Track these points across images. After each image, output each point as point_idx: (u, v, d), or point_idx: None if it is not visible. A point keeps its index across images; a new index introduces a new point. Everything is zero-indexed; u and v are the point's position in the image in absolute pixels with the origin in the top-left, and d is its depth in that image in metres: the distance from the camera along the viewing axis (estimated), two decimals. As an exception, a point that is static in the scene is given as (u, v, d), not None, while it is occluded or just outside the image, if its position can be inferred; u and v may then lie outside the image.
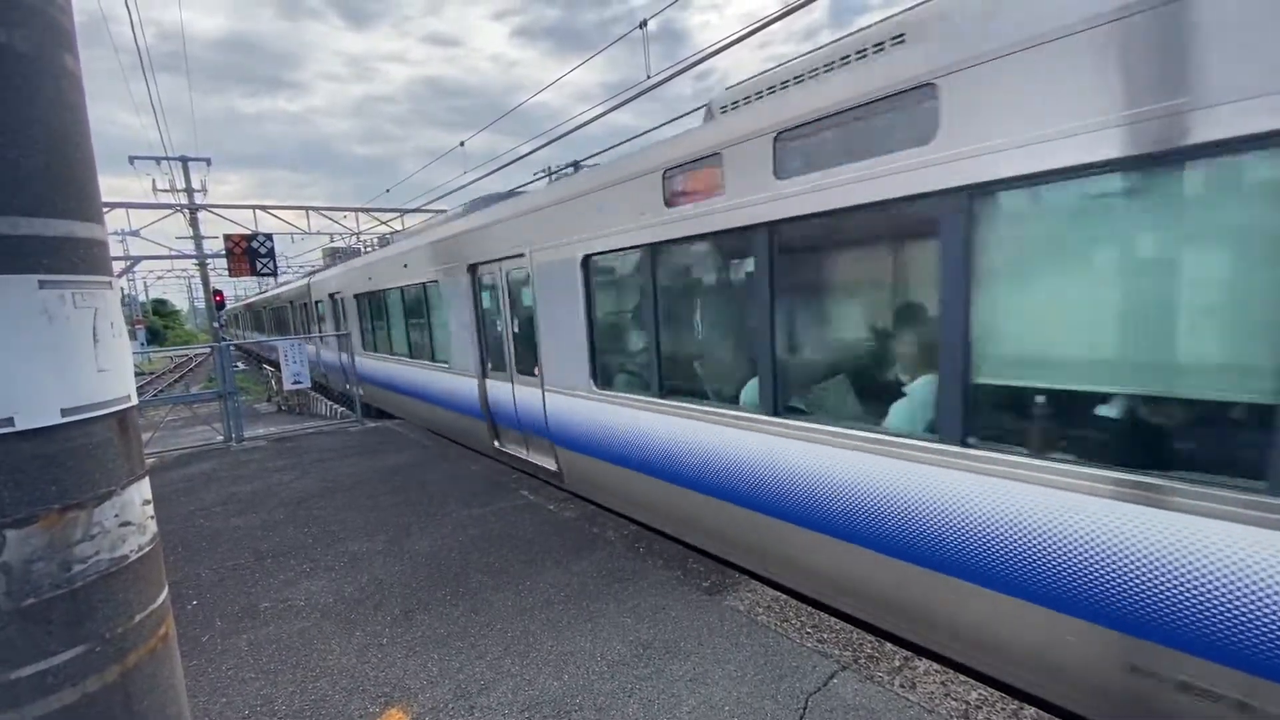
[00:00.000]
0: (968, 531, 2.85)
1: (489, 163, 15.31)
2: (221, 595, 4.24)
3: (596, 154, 11.00)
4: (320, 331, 15.50)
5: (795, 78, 3.83)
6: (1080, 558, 2.51)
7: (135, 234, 21.44)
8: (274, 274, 18.49)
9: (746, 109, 3.97)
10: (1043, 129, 2.47)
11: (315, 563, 4.68)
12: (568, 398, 5.74)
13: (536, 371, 6.17)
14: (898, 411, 3.25)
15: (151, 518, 1.23)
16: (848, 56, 3.65)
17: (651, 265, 4.56)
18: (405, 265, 9.44)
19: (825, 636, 3.33)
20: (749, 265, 3.88)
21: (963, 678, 2.94)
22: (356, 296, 12.23)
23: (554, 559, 4.47)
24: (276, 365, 14.72)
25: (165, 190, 21.91)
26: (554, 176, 9.88)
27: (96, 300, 1.12)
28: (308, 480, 7.05)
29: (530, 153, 12.87)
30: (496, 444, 7.56)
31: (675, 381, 4.69)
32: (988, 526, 2.78)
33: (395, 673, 3.23)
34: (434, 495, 6.15)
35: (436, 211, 22.38)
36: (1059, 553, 2.57)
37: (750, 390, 4.03)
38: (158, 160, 21.26)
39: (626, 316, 5.25)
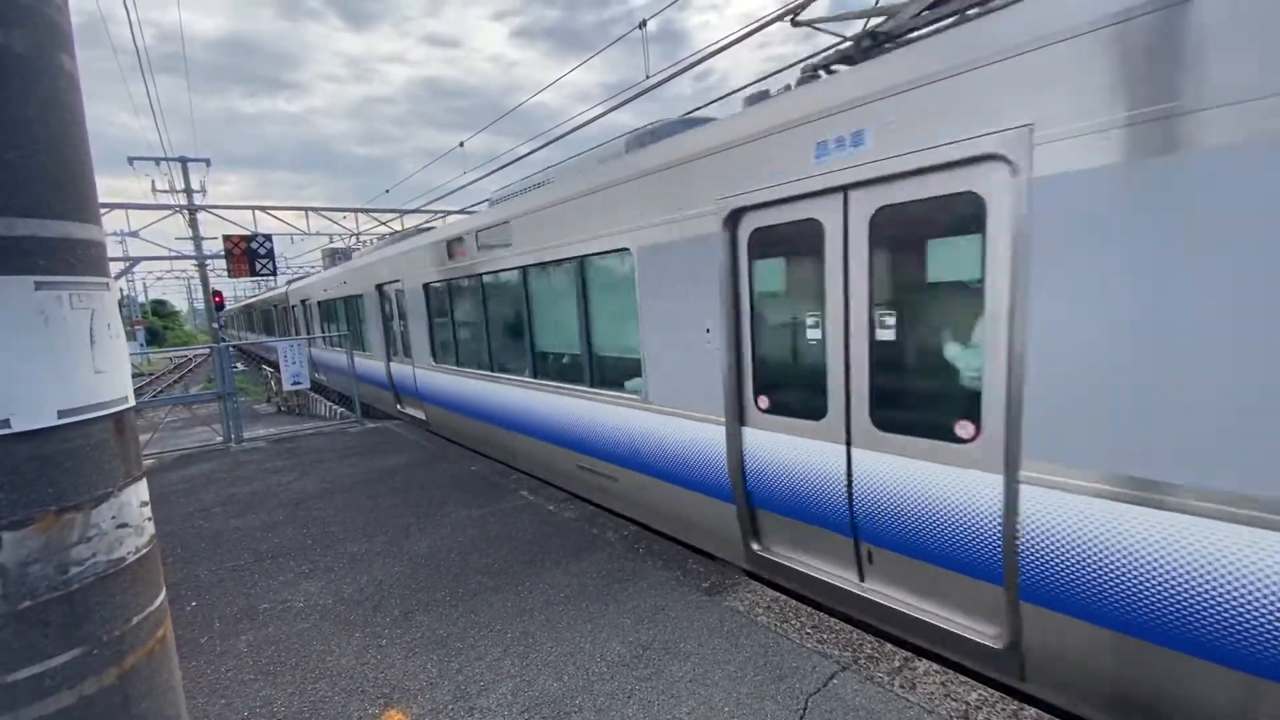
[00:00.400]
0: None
1: (489, 163, 15.32)
2: (221, 596, 4.24)
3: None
4: (294, 332, 18.39)
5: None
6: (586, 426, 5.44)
7: (135, 235, 21.43)
8: (273, 274, 18.48)
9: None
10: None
11: (314, 564, 4.67)
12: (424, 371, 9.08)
13: (410, 356, 9.52)
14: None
15: (149, 519, 1.23)
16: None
17: (446, 292, 7.94)
18: (344, 282, 12.50)
19: (825, 637, 3.32)
20: (503, 293, 6.68)
21: (962, 678, 2.94)
22: (320, 303, 15.21)
23: (553, 560, 4.46)
24: (275, 366, 15.38)
25: (165, 191, 21.90)
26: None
27: (93, 301, 1.12)
28: (307, 481, 7.04)
29: (529, 153, 12.87)
30: (398, 406, 10.86)
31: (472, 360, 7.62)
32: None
33: (394, 674, 3.22)
34: (433, 496, 6.14)
35: (437, 212, 22.36)
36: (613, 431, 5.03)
37: (517, 365, 6.56)
38: (157, 161, 21.25)
39: (441, 322, 8.38)
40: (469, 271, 7.26)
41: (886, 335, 3.15)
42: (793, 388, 3.72)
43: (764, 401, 3.83)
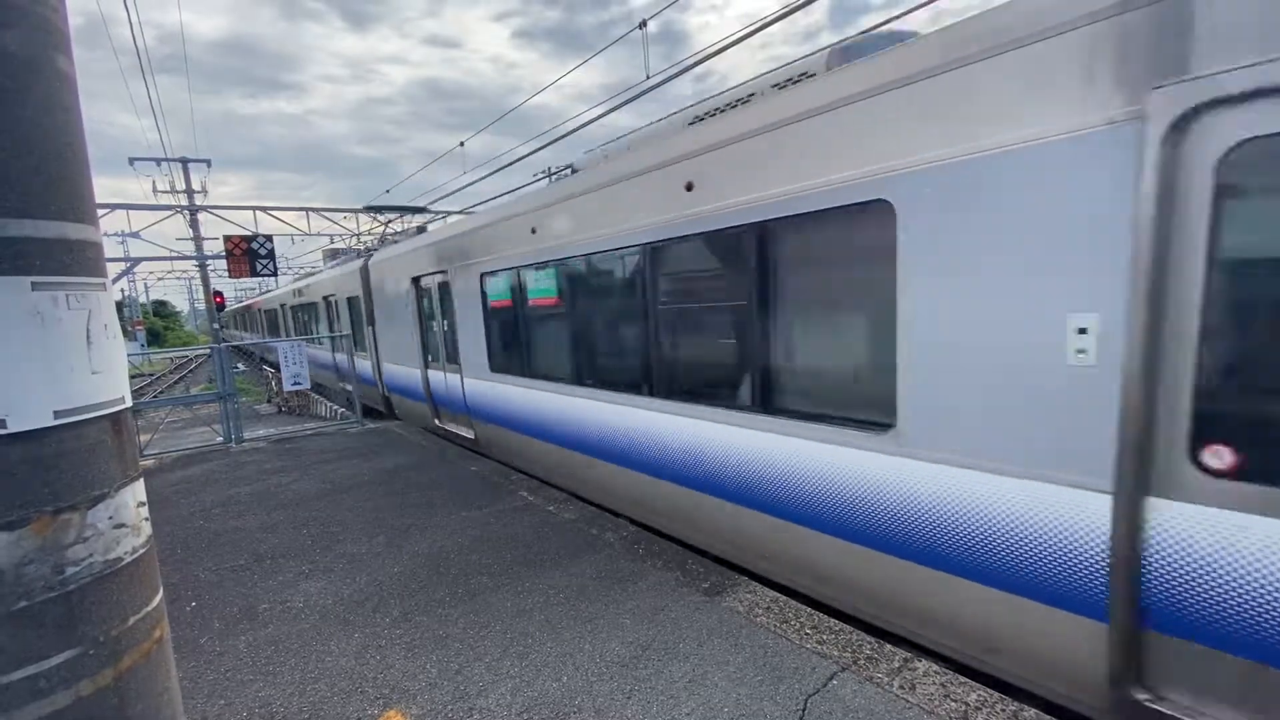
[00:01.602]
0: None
1: (489, 163, 15.32)
2: (220, 597, 4.24)
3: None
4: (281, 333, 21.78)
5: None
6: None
7: (135, 235, 21.46)
8: (274, 275, 18.49)
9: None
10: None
11: (314, 564, 4.67)
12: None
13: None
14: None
15: (146, 520, 1.23)
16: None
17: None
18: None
19: (825, 638, 3.32)
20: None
21: (962, 679, 2.93)
22: (293, 308, 17.81)
23: (553, 560, 4.46)
24: (275, 366, 15.61)
25: (165, 192, 21.93)
26: (554, 178, 10.22)
27: (90, 302, 1.12)
28: (307, 481, 7.04)
29: (529, 154, 12.87)
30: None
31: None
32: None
33: (394, 674, 3.22)
34: (433, 497, 6.14)
35: (438, 213, 22.36)
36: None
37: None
38: (158, 162, 21.28)
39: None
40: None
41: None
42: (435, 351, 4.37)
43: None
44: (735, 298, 3.95)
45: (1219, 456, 2.14)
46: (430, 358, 9.11)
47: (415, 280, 9.03)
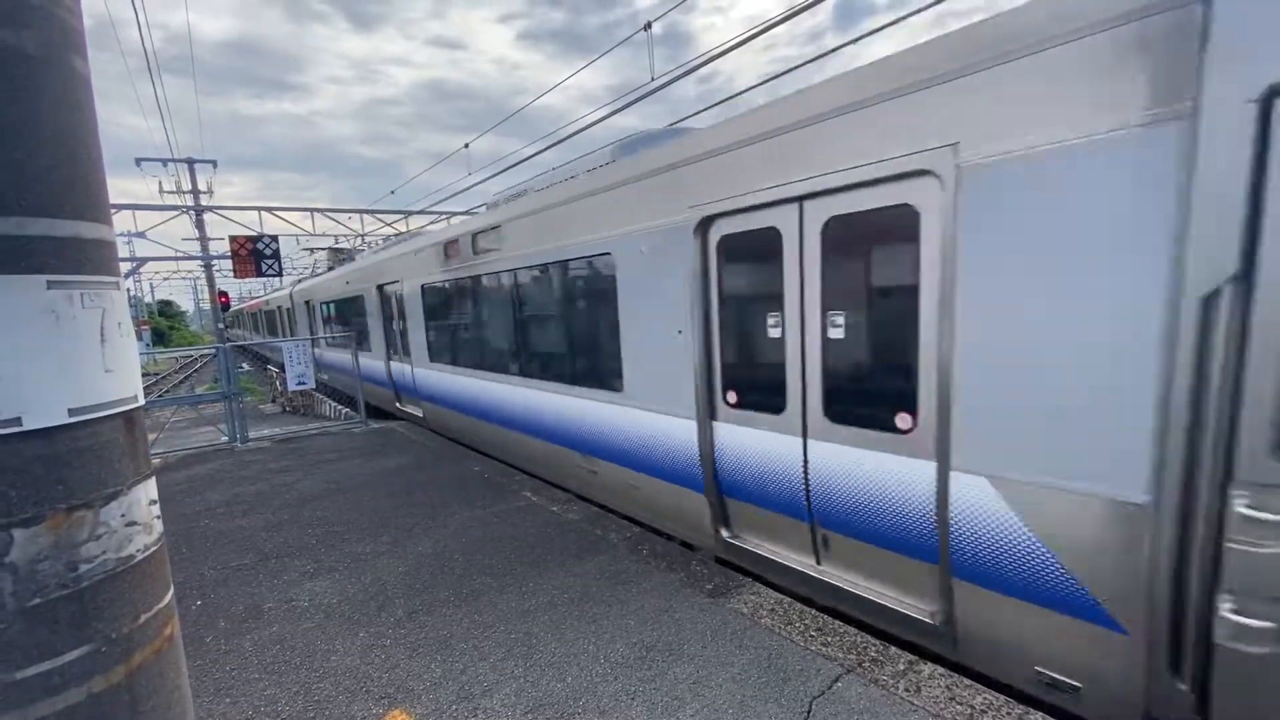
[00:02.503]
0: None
1: (493, 164, 15.35)
2: (226, 595, 4.25)
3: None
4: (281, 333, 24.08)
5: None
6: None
7: (141, 235, 21.55)
8: (279, 275, 18.56)
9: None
10: None
11: (319, 563, 4.68)
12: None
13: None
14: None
15: (158, 518, 1.23)
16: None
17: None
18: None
19: (829, 640, 3.31)
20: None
21: (967, 681, 2.92)
22: (286, 310, 20.78)
23: (556, 561, 4.46)
24: (280, 365, 15.95)
25: (171, 192, 22.02)
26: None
27: (104, 301, 1.12)
28: (311, 481, 7.06)
29: (533, 155, 12.89)
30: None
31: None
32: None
33: (398, 674, 3.23)
34: (436, 496, 6.15)
35: (441, 214, 22.41)
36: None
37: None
38: (164, 162, 21.37)
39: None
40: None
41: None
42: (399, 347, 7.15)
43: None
44: (547, 310, 6.11)
45: (730, 397, 4.13)
46: (392, 351, 10.71)
47: (379, 288, 10.67)
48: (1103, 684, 2.53)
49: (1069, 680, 2.63)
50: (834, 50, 7.77)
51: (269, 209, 20.71)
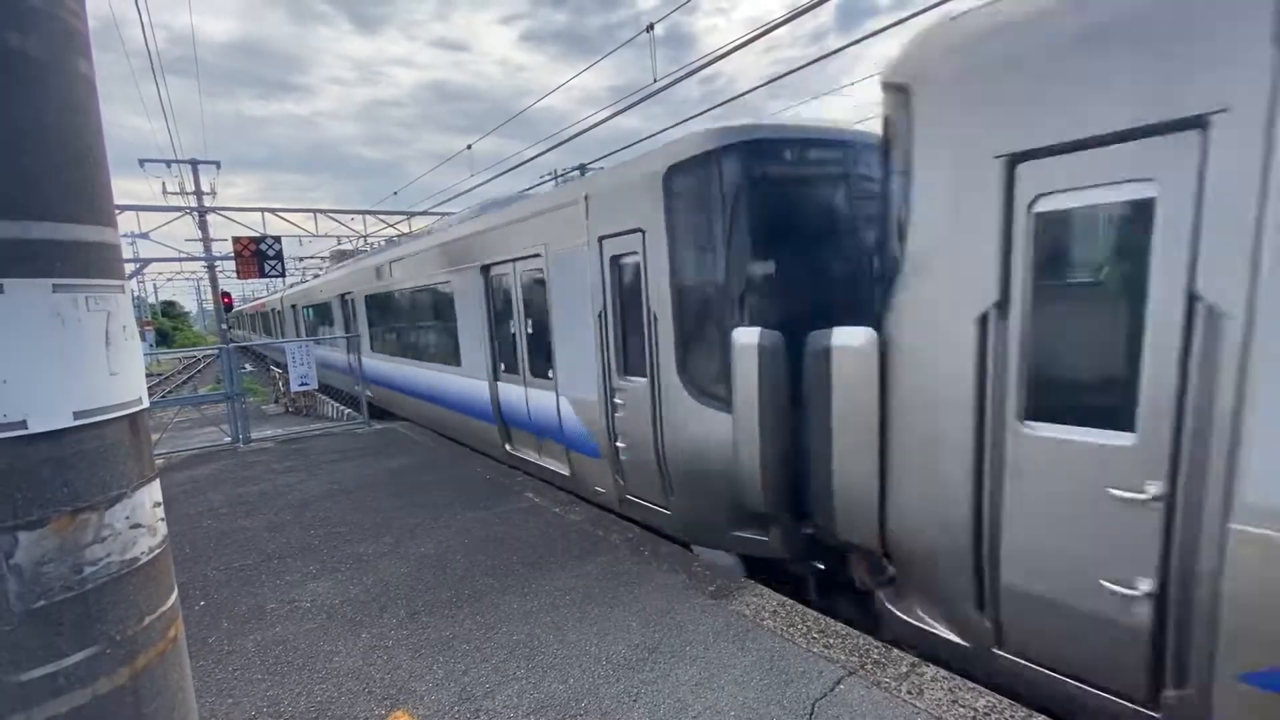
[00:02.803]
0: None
1: (496, 165, 15.37)
2: (229, 596, 4.26)
3: (602, 157, 11.05)
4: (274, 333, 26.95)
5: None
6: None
7: (145, 236, 21.60)
8: (282, 276, 18.59)
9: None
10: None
11: (322, 564, 4.69)
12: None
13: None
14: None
15: (162, 520, 1.24)
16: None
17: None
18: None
19: (831, 642, 3.31)
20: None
21: (971, 684, 2.92)
22: (278, 312, 23.82)
23: (558, 562, 4.46)
24: (282, 366, 16.52)
25: (175, 193, 22.07)
26: (560, 180, 11.12)
27: (109, 304, 1.13)
28: (314, 482, 7.07)
29: (536, 156, 12.91)
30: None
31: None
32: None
33: (401, 675, 3.23)
34: (439, 497, 6.15)
35: (444, 214, 22.44)
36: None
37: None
38: (168, 163, 21.42)
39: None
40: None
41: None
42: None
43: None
44: (425, 317, 9.07)
45: (502, 368, 7.14)
46: (351, 345, 13.01)
47: (340, 296, 13.81)
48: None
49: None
50: (836, 51, 7.77)
51: (272, 210, 20.74)
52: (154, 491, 1.21)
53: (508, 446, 7.21)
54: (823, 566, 4.14)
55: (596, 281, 5.06)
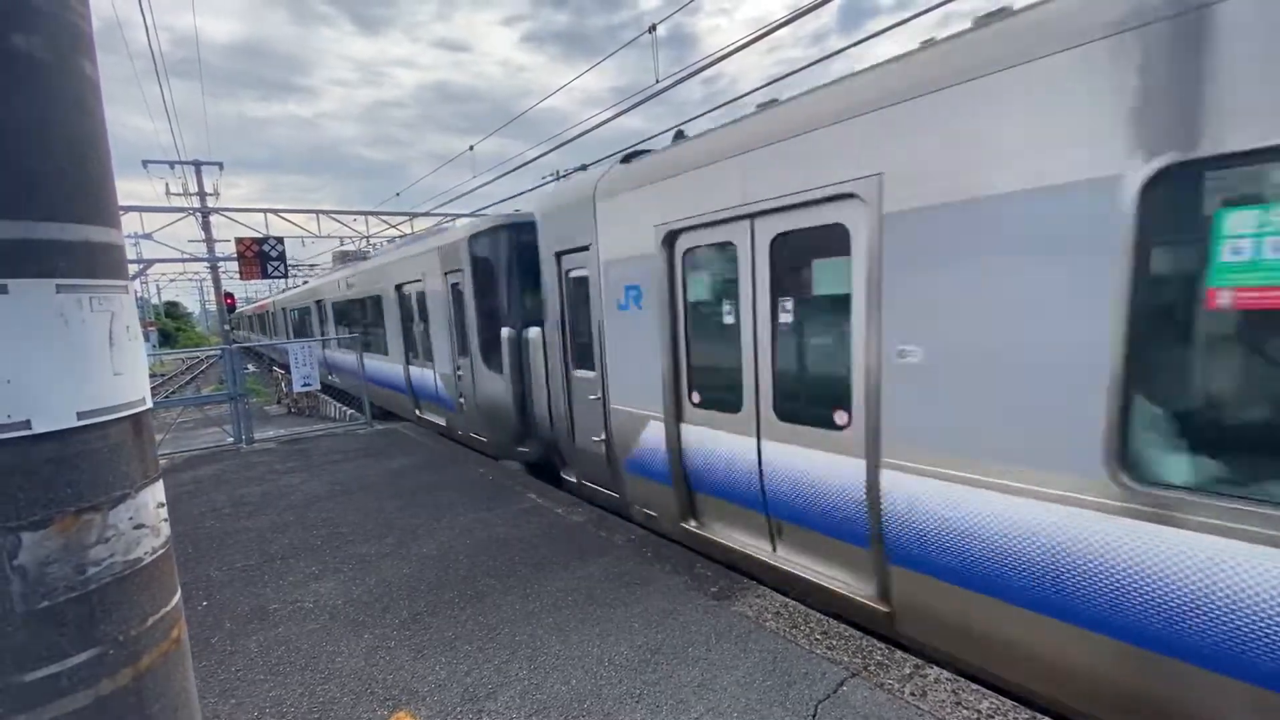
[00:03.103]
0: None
1: (498, 167, 15.38)
2: (231, 596, 4.26)
3: (604, 158, 11.04)
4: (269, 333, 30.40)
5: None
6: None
7: (148, 237, 21.65)
8: (285, 276, 18.63)
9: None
10: None
11: (324, 564, 4.69)
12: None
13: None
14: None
15: (165, 520, 1.24)
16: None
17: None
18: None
19: (834, 643, 3.30)
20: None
21: (974, 686, 2.91)
22: (284, 310, 24.80)
23: (561, 563, 4.46)
24: (285, 367, 17.53)
25: (178, 194, 22.12)
26: (562, 179, 11.44)
27: (112, 304, 1.13)
28: (317, 482, 7.08)
29: (538, 157, 12.92)
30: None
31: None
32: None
33: (403, 675, 3.23)
34: (441, 498, 6.16)
35: (448, 215, 22.46)
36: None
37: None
38: (171, 164, 21.48)
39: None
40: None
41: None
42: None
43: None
44: (375, 319, 11.52)
45: (412, 355, 10.11)
46: (324, 344, 15.74)
47: (315, 302, 17.29)
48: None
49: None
50: (838, 52, 7.76)
51: (275, 211, 20.77)
52: (157, 492, 1.21)
53: (417, 411, 10.35)
54: (556, 462, 6.95)
55: (446, 300, 8.15)
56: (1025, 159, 2.50)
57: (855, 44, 7.59)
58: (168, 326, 63.53)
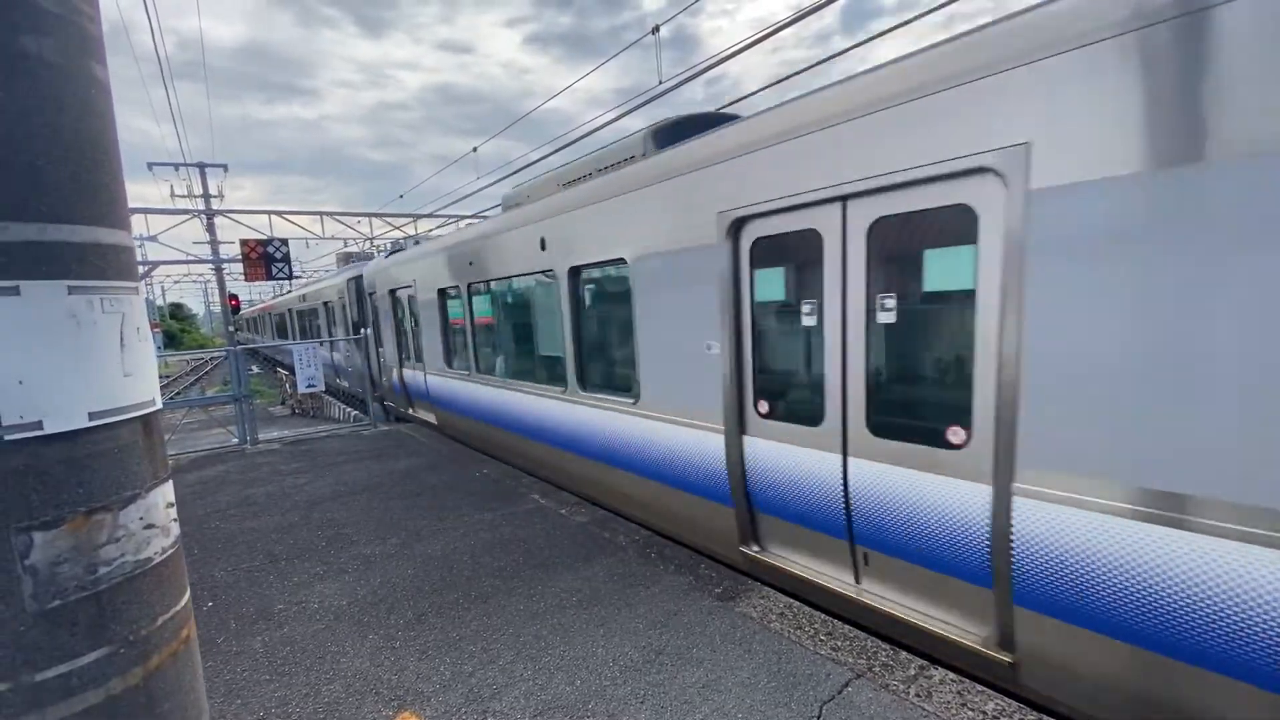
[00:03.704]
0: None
1: (502, 167, 15.41)
2: (236, 597, 4.27)
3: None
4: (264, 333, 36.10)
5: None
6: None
7: (153, 239, 21.76)
8: (289, 278, 18.70)
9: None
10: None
11: (329, 565, 4.70)
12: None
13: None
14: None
15: (174, 520, 1.24)
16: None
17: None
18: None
19: (839, 644, 3.30)
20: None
21: (979, 687, 2.90)
22: (267, 314, 30.24)
23: (565, 563, 4.46)
24: (289, 368, 18.52)
25: (183, 196, 22.21)
26: (564, 184, 11.50)
27: (123, 305, 1.14)
28: (321, 483, 7.10)
29: (541, 158, 12.94)
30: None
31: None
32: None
33: (408, 676, 3.23)
34: (445, 499, 6.16)
35: (450, 217, 22.51)
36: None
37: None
38: (176, 167, 21.57)
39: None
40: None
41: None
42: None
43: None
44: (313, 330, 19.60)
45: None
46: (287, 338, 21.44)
47: (287, 310, 22.38)
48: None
49: None
50: (841, 53, 7.76)
51: (279, 212, 20.85)
52: (167, 492, 1.22)
53: (338, 379, 15.80)
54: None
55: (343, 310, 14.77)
56: (345, 294, 4.45)
57: (858, 44, 7.58)
58: (172, 328, 63.73)
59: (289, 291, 30.61)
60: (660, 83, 9.12)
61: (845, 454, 3.45)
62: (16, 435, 0.97)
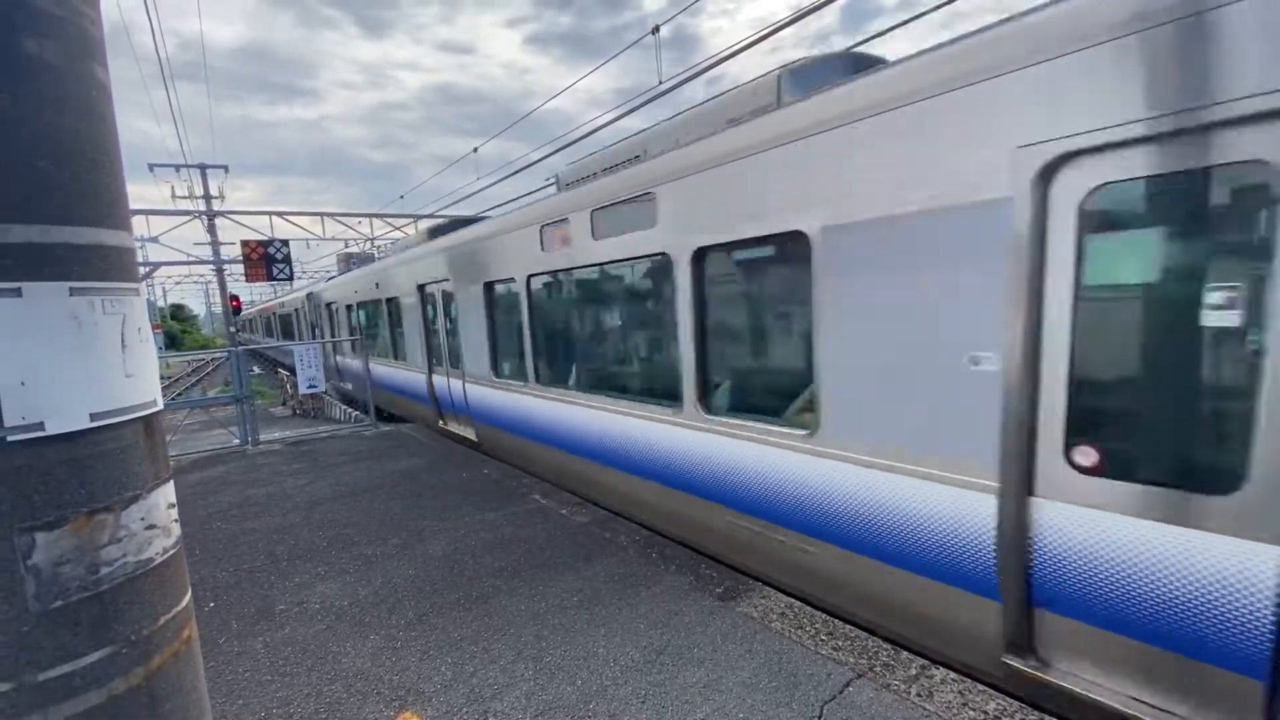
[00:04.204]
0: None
1: (503, 168, 15.41)
2: (238, 597, 4.28)
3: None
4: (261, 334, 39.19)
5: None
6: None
7: (154, 240, 21.78)
8: (290, 279, 18.73)
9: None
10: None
11: (330, 565, 4.71)
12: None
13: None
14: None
15: (176, 521, 1.24)
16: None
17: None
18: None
19: (840, 644, 3.30)
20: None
21: (981, 687, 2.90)
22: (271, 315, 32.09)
23: (566, 563, 4.47)
24: (289, 369, 19.16)
25: (184, 197, 22.25)
26: (565, 183, 11.34)
27: (124, 307, 1.14)
28: (322, 484, 7.10)
29: (542, 159, 12.95)
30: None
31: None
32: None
33: (409, 676, 3.24)
34: (446, 499, 6.17)
35: (453, 218, 22.56)
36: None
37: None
38: (177, 168, 21.60)
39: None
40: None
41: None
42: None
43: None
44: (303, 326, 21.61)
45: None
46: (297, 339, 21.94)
47: (274, 313, 28.98)
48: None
49: None
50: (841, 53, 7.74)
51: (280, 213, 20.87)
52: (168, 492, 1.22)
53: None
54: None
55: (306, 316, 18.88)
56: (308, 305, 7.56)
57: (859, 44, 7.58)
58: (173, 329, 63.78)
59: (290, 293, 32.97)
60: (660, 83, 9.13)
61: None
62: (18, 436, 0.97)
